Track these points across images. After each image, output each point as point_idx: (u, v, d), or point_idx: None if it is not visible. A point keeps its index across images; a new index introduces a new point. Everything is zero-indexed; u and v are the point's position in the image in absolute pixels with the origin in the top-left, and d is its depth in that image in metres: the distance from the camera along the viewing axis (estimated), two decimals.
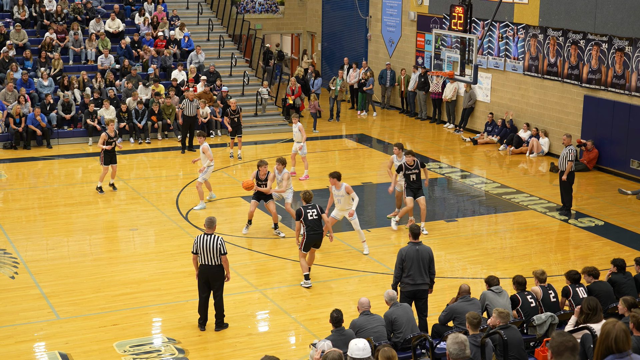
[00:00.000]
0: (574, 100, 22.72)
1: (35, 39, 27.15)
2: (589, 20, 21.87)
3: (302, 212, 13.85)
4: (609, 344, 5.88)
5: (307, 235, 13.87)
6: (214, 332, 12.38)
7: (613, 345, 5.87)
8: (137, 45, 27.68)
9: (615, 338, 5.84)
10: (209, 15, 30.74)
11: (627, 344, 5.86)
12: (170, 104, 24.96)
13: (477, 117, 26.44)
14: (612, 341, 5.86)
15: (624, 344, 5.85)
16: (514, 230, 17.51)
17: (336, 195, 15.43)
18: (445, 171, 22.10)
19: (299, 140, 20.77)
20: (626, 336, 5.86)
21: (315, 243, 14.08)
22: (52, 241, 16.31)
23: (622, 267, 12.10)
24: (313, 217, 13.89)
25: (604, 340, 5.88)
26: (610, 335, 5.85)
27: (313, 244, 14.04)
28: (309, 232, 13.86)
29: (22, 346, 11.88)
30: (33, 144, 23.60)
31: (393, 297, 10.89)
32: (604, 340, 5.88)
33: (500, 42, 25.07)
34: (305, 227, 13.86)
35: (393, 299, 10.86)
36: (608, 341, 5.87)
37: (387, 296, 10.90)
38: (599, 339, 5.92)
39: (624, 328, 5.88)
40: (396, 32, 29.96)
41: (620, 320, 6.17)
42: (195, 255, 12.23)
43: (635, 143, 21.05)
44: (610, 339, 5.85)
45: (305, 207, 13.94)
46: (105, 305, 13.28)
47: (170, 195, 19.39)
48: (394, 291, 11.10)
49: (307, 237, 13.88)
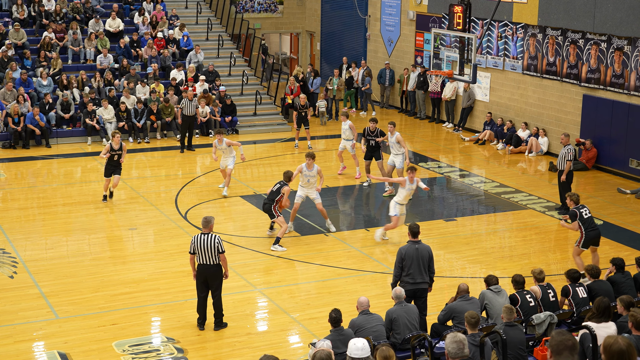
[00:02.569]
0: (573, 100, 22.73)
1: (34, 38, 27.14)
2: (588, 20, 21.88)
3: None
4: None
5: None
6: (213, 332, 12.38)
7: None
8: (136, 44, 27.67)
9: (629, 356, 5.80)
10: (208, 14, 30.73)
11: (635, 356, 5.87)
12: (169, 104, 24.97)
13: (476, 117, 26.44)
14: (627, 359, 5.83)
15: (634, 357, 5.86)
16: (513, 230, 17.51)
17: (307, 175, 16.57)
18: (445, 170, 22.10)
19: (348, 138, 20.69)
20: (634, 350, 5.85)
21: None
22: (51, 241, 16.30)
23: (621, 267, 12.12)
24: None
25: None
26: (623, 355, 5.80)
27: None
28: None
29: (21, 346, 11.88)
30: (32, 144, 23.59)
31: (399, 295, 10.86)
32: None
33: (499, 42, 25.08)
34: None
35: (399, 297, 10.84)
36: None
37: (394, 294, 10.88)
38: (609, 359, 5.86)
39: (629, 342, 5.88)
40: (395, 31, 29.96)
41: (620, 335, 6.18)
42: (193, 255, 12.22)
43: (634, 142, 21.06)
44: (625, 358, 5.80)
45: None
46: (104, 304, 13.28)
47: (169, 195, 19.38)
48: (402, 290, 11.06)
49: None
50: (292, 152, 23.17)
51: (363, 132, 19.61)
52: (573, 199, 14.71)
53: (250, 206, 18.59)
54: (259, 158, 23.37)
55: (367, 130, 19.43)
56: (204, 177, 21.02)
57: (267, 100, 27.75)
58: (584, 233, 14.38)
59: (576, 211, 14.45)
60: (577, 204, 14.63)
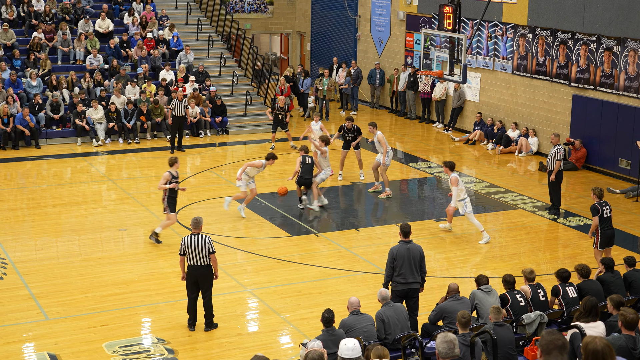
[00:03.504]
0: (563, 100, 22.79)
1: (23, 39, 27.04)
2: (578, 20, 21.95)
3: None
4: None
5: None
6: (203, 332, 12.37)
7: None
8: (125, 45, 27.61)
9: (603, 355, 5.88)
10: (197, 15, 30.69)
11: (613, 357, 5.93)
12: (159, 105, 24.92)
13: (466, 117, 26.49)
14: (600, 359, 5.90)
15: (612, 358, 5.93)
16: (503, 230, 17.55)
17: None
18: (435, 170, 22.13)
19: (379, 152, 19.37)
20: (611, 351, 5.93)
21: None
22: (41, 242, 16.26)
23: (611, 266, 12.15)
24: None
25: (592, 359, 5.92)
26: (597, 354, 5.89)
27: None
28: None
29: (11, 347, 11.84)
30: (21, 144, 23.51)
31: (386, 296, 10.88)
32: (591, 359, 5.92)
33: (489, 42, 25.13)
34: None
35: (385, 298, 10.85)
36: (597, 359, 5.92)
37: (380, 295, 10.90)
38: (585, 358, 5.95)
39: (606, 343, 5.97)
40: (385, 31, 29.99)
41: (599, 336, 6.29)
42: (183, 256, 12.21)
43: (624, 142, 21.12)
44: (599, 357, 5.88)
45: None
46: (95, 305, 13.25)
47: (159, 196, 19.28)
48: (387, 290, 11.09)
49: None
50: (283, 152, 23.14)
51: (340, 128, 20.67)
52: (596, 193, 14.38)
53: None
54: (249, 158, 23.34)
55: (344, 127, 20.47)
56: (194, 178, 20.99)
57: (258, 100, 27.74)
58: (600, 232, 14.27)
59: (598, 207, 14.29)
60: (601, 199, 14.39)
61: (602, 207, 14.31)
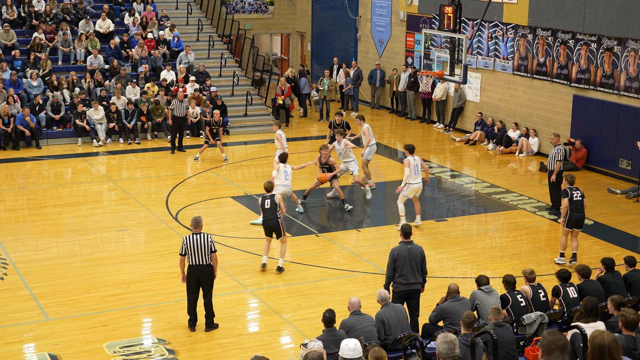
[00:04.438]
0: (563, 100, 22.79)
1: (24, 39, 27.06)
2: (578, 20, 21.95)
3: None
4: (604, 356, 5.90)
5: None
6: (204, 333, 12.37)
7: (607, 357, 5.89)
8: (126, 45, 27.62)
9: (609, 350, 5.86)
10: (198, 15, 30.70)
11: (619, 352, 5.90)
12: (159, 105, 24.93)
13: (466, 117, 26.49)
14: (606, 354, 5.88)
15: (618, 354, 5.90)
16: (504, 230, 17.55)
17: (339, 150, 19.08)
18: (435, 171, 22.12)
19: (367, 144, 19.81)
20: (617, 346, 5.90)
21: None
22: (42, 242, 16.26)
23: (612, 267, 12.15)
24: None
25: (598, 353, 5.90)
26: (603, 348, 5.86)
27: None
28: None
29: (12, 347, 11.84)
30: (22, 145, 23.52)
31: (385, 297, 10.88)
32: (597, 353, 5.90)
33: (490, 42, 25.13)
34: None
35: (385, 299, 10.84)
36: (603, 354, 5.89)
37: (379, 296, 10.89)
38: (591, 352, 5.93)
39: (613, 338, 5.92)
40: (386, 32, 29.99)
41: (606, 331, 6.22)
42: (183, 257, 12.20)
43: (624, 142, 21.12)
44: (605, 351, 5.86)
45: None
46: (95, 306, 13.25)
47: (160, 196, 19.35)
48: (386, 291, 11.08)
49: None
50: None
51: (330, 124, 21.08)
52: (567, 179, 15.49)
53: (241, 207, 18.58)
54: (250, 159, 23.36)
55: (334, 122, 20.83)
56: (194, 178, 20.99)
57: (258, 101, 27.75)
58: (569, 212, 15.12)
59: (568, 191, 15.24)
60: (572, 185, 15.40)
61: (572, 191, 15.23)
